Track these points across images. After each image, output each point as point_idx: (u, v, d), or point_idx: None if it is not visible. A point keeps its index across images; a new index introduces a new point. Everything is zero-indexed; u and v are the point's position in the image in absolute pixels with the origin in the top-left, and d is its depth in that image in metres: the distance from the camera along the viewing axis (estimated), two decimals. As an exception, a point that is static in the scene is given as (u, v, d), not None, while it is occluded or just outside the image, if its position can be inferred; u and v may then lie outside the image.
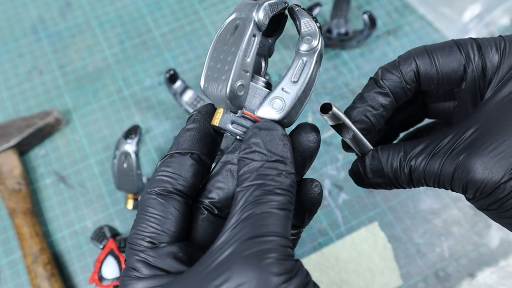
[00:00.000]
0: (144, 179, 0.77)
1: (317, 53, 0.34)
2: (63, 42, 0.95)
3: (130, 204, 0.77)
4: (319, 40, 0.35)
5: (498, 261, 0.73)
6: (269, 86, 0.36)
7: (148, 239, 0.32)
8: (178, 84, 0.82)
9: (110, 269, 0.69)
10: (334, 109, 0.34)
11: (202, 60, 0.91)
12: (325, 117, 0.34)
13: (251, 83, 0.34)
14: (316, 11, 0.87)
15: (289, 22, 0.38)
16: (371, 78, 0.39)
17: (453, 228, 0.76)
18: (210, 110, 0.36)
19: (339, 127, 0.36)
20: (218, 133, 0.37)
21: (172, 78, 0.82)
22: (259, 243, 0.28)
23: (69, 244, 0.77)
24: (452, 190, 0.35)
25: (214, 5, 0.97)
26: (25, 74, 0.92)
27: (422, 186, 0.37)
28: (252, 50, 0.33)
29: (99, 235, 0.72)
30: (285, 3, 0.35)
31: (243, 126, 0.34)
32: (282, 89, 0.34)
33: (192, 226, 0.35)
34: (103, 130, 0.86)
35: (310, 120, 0.85)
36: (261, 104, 0.34)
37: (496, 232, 0.75)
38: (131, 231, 0.33)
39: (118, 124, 0.86)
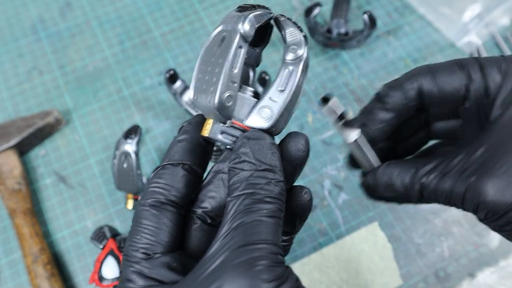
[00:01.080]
0: (144, 179, 0.77)
1: (302, 62, 0.35)
2: (63, 42, 0.95)
3: (130, 204, 0.77)
4: (304, 49, 0.35)
5: (498, 261, 0.73)
6: (257, 95, 0.36)
7: (143, 250, 0.32)
8: (178, 84, 0.82)
9: (110, 269, 0.69)
10: (333, 100, 0.34)
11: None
12: (324, 108, 0.35)
13: (239, 93, 0.35)
14: (316, 11, 0.87)
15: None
16: (376, 94, 0.40)
17: (453, 228, 0.76)
18: (200, 120, 0.37)
19: (343, 128, 0.36)
20: (209, 142, 0.37)
21: (172, 78, 0.82)
22: (249, 251, 0.28)
23: (69, 244, 0.77)
24: (463, 210, 0.35)
25: (214, 5, 0.97)
26: (25, 74, 0.92)
27: (433, 203, 0.37)
28: (239, 62, 0.34)
29: (99, 235, 0.72)
30: (271, 13, 0.36)
31: (232, 135, 0.35)
32: (270, 98, 0.35)
33: (186, 236, 0.35)
34: (103, 130, 0.86)
35: (310, 120, 0.85)
36: (249, 113, 0.35)
37: (496, 232, 0.75)
38: (126, 243, 0.33)
39: (118, 124, 0.86)
